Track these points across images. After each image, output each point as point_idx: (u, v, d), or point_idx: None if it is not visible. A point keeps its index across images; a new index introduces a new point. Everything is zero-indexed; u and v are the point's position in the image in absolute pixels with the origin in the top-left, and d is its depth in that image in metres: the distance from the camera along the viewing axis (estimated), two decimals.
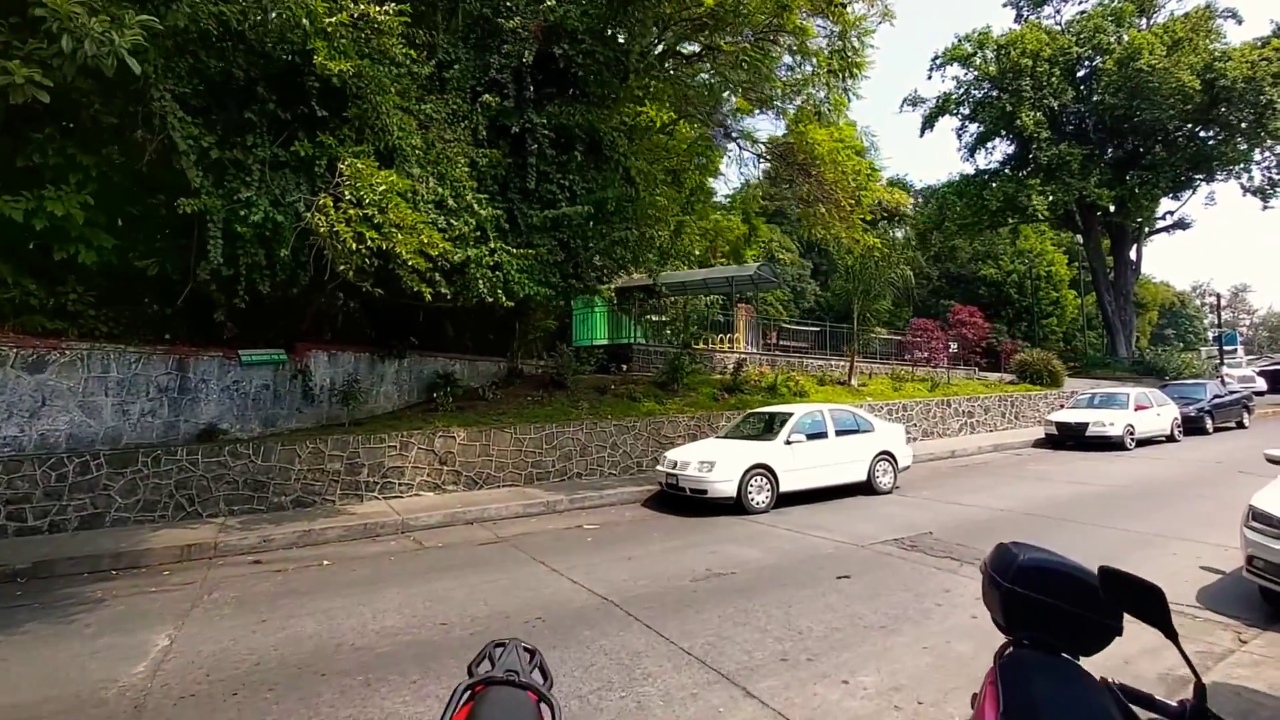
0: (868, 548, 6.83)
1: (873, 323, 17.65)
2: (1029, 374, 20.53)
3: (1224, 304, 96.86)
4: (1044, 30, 34.46)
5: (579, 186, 11.27)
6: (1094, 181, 30.36)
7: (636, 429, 12.28)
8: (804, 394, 15.82)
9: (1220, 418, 17.16)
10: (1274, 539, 4.59)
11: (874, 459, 10.13)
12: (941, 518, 8.26)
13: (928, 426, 16.59)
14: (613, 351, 16.87)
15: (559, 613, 5.05)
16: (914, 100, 39.22)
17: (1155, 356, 31.18)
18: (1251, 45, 29.28)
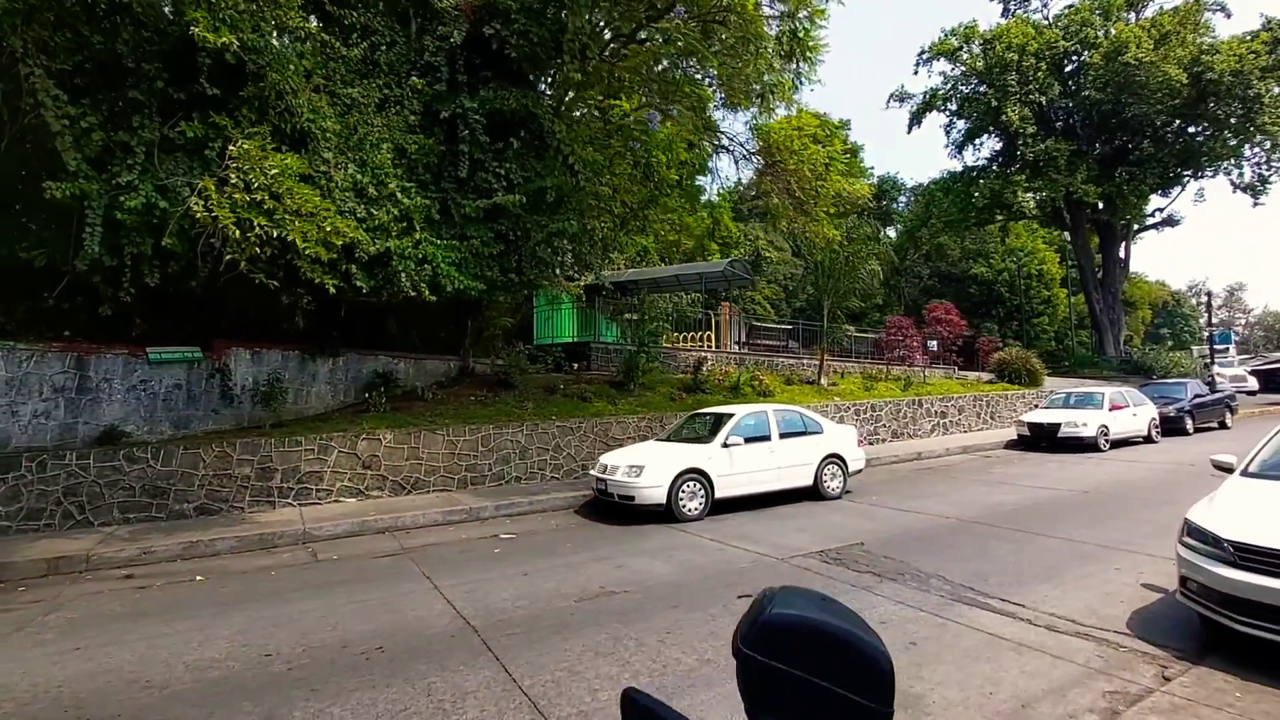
0: (789, 561, 6.26)
1: (842, 320, 17.03)
2: (1007, 373, 19.97)
3: (1220, 303, 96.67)
4: (1031, 24, 33.95)
5: (517, 175, 10.69)
6: (1080, 178, 29.83)
7: (582, 430, 11.71)
8: (769, 394, 15.25)
9: (1201, 418, 16.61)
10: (1208, 559, 4.03)
11: (822, 463, 9.56)
12: (881, 526, 7.69)
13: (898, 427, 16.03)
14: (571, 350, 16.29)
15: (406, 642, 4.47)
16: (901, 96, 38.72)
17: (1143, 355, 30.66)
18: (1239, 39, 28.74)
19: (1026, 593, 5.17)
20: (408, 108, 10.50)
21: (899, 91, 38.56)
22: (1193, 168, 31.11)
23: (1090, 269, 33.98)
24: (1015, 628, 4.47)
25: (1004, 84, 31.90)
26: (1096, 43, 30.99)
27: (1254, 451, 5.02)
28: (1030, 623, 4.55)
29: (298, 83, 8.51)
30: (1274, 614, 3.62)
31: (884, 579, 5.59)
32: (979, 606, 4.88)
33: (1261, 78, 27.15)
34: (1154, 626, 4.44)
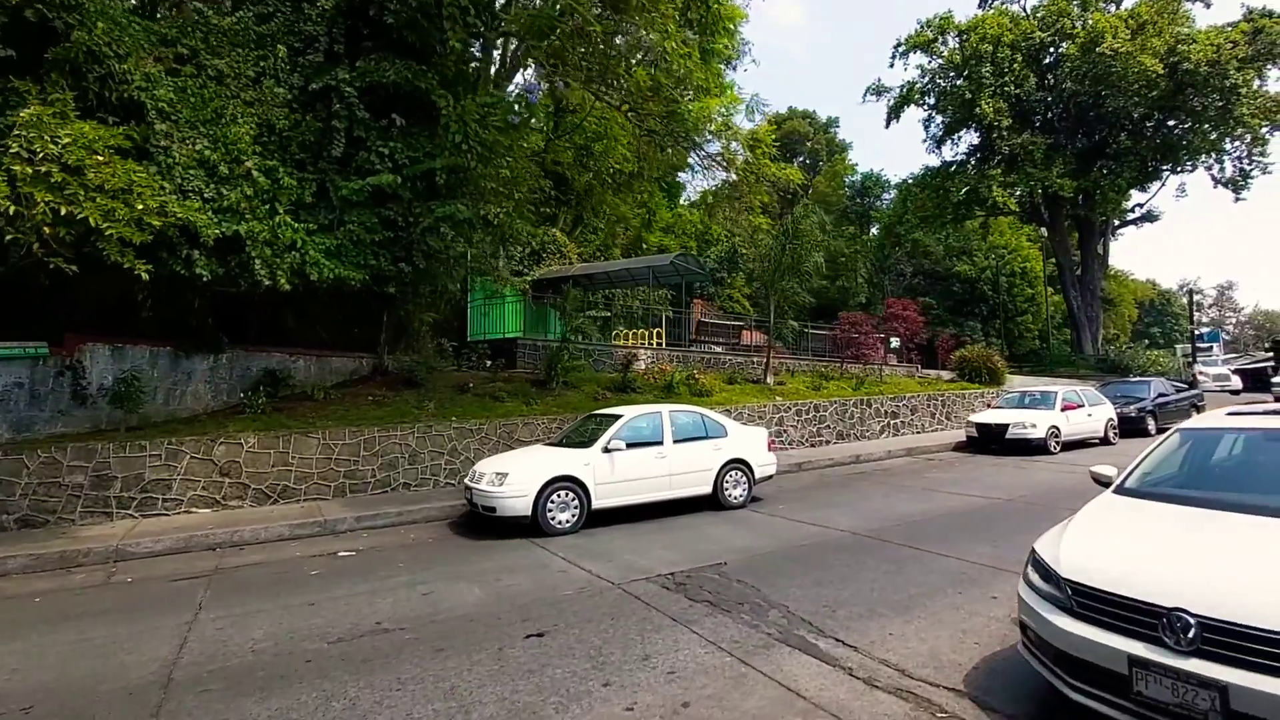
0: (624, 586, 5.40)
1: (790, 316, 16.19)
2: (968, 371, 19.16)
3: (1211, 302, 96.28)
4: (1007, 15, 33.16)
5: (402, 155, 9.82)
6: (1057, 172, 29.04)
7: (484, 433, 10.84)
8: (706, 394, 14.40)
9: (1165, 418, 15.77)
10: (1045, 601, 3.19)
11: (723, 469, 8.71)
12: (765, 542, 6.85)
13: (844, 428, 15.19)
14: (499, 347, 15.41)
15: (68, 702, 3.61)
16: (878, 89, 37.88)
17: (1120, 354, 29.88)
18: (1217, 29, 28.00)
19: (872, 629, 4.33)
20: (285, 81, 9.65)
21: (876, 85, 37.73)
22: (1171, 162, 30.34)
23: (1069, 266, 33.23)
24: (827, 680, 3.62)
25: (978, 76, 31.12)
26: (1073, 33, 30.19)
27: (1135, 462, 4.18)
28: (850, 673, 3.71)
29: (126, 46, 7.63)
30: (1110, 681, 2.78)
31: (717, 611, 4.74)
32: (803, 649, 4.03)
33: (1239, 68, 26.39)
34: (996, 681, 3.59)
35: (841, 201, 55.51)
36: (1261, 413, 4.15)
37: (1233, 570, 2.77)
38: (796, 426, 14.42)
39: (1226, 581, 2.68)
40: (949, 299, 49.09)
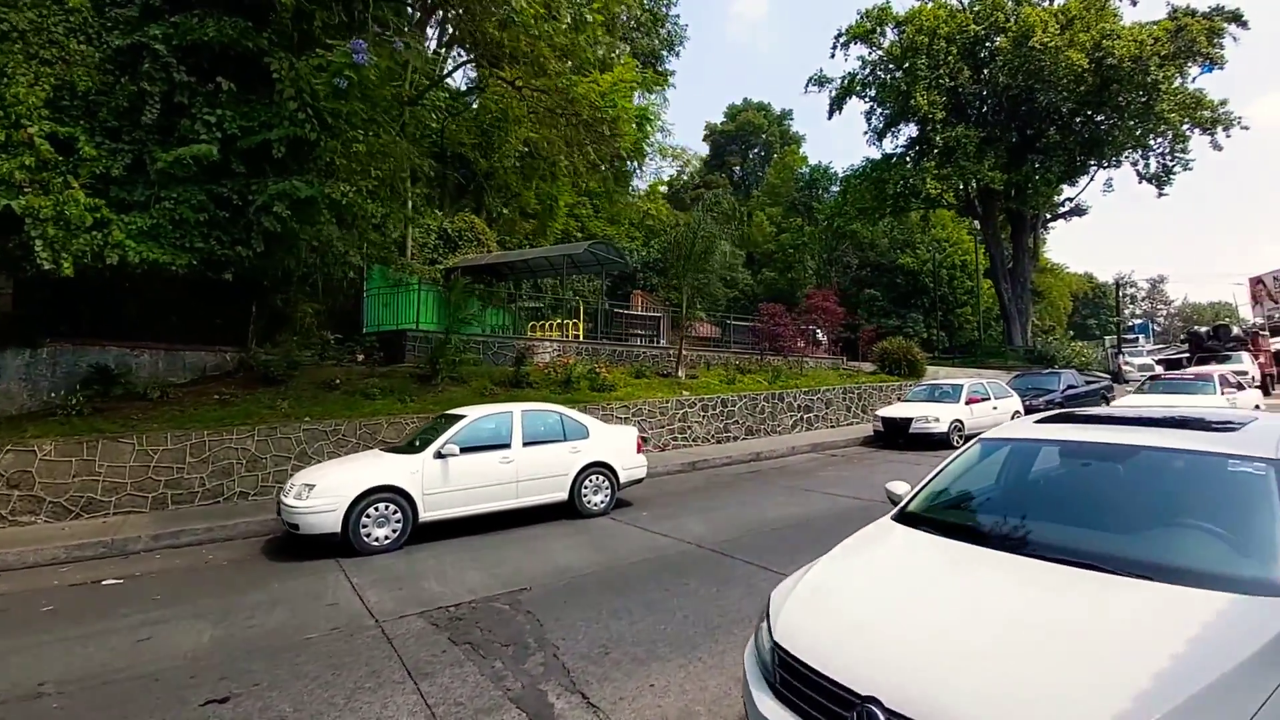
0: (388, 625, 4.62)
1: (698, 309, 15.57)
2: (888, 363, 18.93)
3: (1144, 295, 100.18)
4: (944, 7, 33.14)
5: (233, 125, 8.74)
6: (988, 165, 29.18)
7: (340, 434, 9.89)
8: (609, 389, 13.69)
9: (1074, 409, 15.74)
10: (756, 669, 2.53)
11: (582, 474, 8.00)
12: (595, 559, 6.15)
13: (754, 423, 14.68)
14: (388, 339, 14.38)
15: None
16: (820, 80, 37.59)
17: (1046, 345, 30.32)
18: (1140, 25, 28.42)
19: (635, 678, 3.65)
20: (97, 40, 8.49)
21: (818, 76, 37.45)
22: (1098, 157, 30.83)
23: (1000, 259, 33.61)
24: None
25: (914, 69, 31.05)
26: (1006, 27, 30.30)
27: (928, 477, 3.58)
28: None
29: None
30: None
31: (472, 656, 4.00)
32: (535, 714, 3.32)
33: (1161, 65, 26.81)
34: None
35: (790, 194, 55.50)
36: (1078, 420, 3.60)
37: (952, 648, 2.12)
38: (702, 422, 13.83)
39: (935, 667, 2.03)
40: (893, 291, 49.59)
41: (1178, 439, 2.92)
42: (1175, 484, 2.85)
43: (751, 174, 68.55)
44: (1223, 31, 28.27)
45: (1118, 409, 3.83)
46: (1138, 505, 2.85)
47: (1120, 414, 3.78)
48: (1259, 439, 2.78)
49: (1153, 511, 2.79)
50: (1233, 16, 28.71)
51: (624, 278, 36.73)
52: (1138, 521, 2.77)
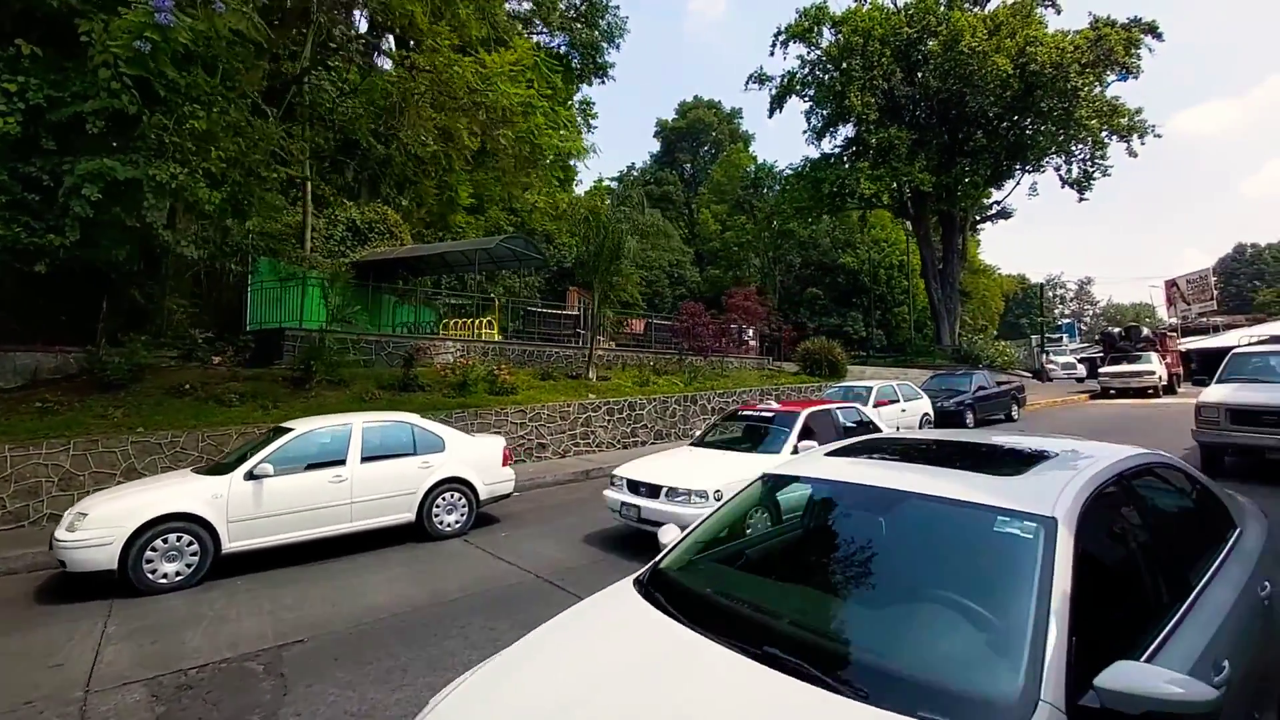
0: (91, 698, 3.80)
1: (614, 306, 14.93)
2: (810, 363, 18.72)
3: (1072, 296, 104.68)
4: (878, 8, 33.37)
5: (39, 94, 7.63)
6: (919, 167, 29.48)
7: (180, 447, 8.85)
8: (509, 391, 12.92)
9: (984, 411, 15.77)
10: None
11: (434, 491, 7.24)
12: (410, 595, 5.43)
13: (664, 427, 14.14)
14: (264, 339, 13.25)
15: None
16: (760, 77, 37.47)
17: (971, 345, 30.91)
18: (1062, 33, 29.14)
19: None
20: None
21: (758, 73, 37.35)
22: (1022, 161, 31.54)
23: (931, 259, 34.12)
24: None
25: (849, 69, 31.17)
26: (938, 31, 30.68)
27: (700, 521, 2.98)
28: None
29: None
30: None
31: None
32: None
33: (1081, 72, 27.51)
34: None
35: (736, 192, 55.53)
36: (870, 450, 3.06)
37: None
38: (607, 427, 13.21)
39: None
40: (835, 290, 50.17)
41: (953, 483, 2.39)
42: (939, 544, 2.32)
43: (702, 171, 68.50)
44: (1139, 42, 29.21)
45: (926, 435, 3.30)
46: (892, 573, 2.31)
47: (924, 442, 3.28)
48: (1044, 486, 2.27)
49: (908, 582, 2.25)
50: (1149, 28, 29.70)
51: (562, 274, 35.94)
52: (889, 595, 2.22)
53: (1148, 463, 2.83)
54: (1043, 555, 1.94)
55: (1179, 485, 3.01)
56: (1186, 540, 2.79)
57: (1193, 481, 3.02)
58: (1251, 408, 8.77)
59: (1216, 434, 9.01)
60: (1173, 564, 2.46)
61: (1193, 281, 48.83)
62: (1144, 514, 2.54)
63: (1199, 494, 3.01)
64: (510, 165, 10.63)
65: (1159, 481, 2.92)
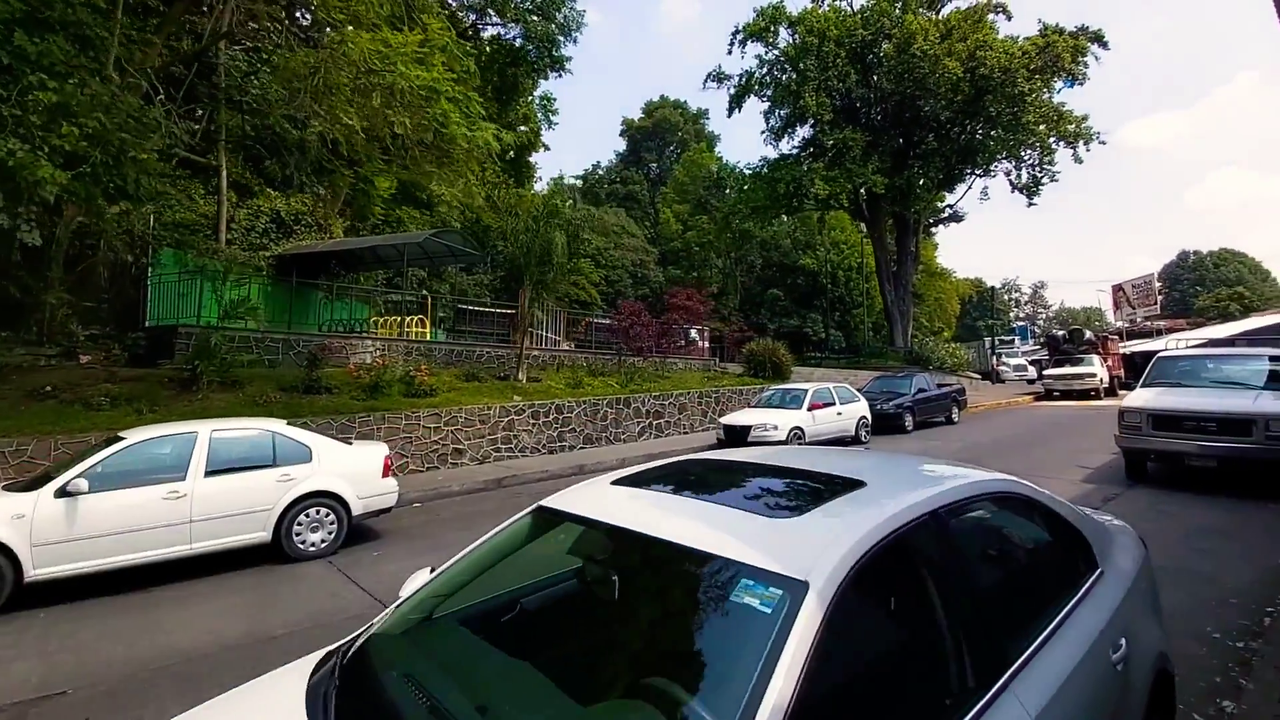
0: None
1: (538, 306, 14.24)
2: (754, 365, 18.35)
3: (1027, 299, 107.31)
4: (834, 9, 33.36)
5: None
6: (872, 169, 29.48)
7: (28, 455, 7.95)
8: (428, 393, 12.19)
9: (924, 413, 15.57)
10: None
11: (295, 507, 6.52)
12: (234, 631, 4.74)
13: (594, 431, 13.55)
14: (156, 337, 12.25)
15: None
16: (719, 76, 37.17)
17: (922, 347, 31.05)
18: (1013, 39, 29.44)
19: None
20: None
21: (716, 72, 37.06)
22: (972, 165, 31.80)
23: (885, 261, 34.23)
24: None
25: (804, 69, 31.05)
26: (891, 33, 30.74)
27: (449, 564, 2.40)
28: None
29: None
30: None
31: None
32: None
33: (1029, 78, 27.80)
34: None
35: (698, 192, 55.29)
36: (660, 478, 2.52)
37: None
38: (531, 431, 12.56)
39: None
40: (795, 291, 50.28)
41: (716, 526, 1.85)
42: (672, 612, 1.77)
43: (667, 170, 68.38)
44: (1086, 50, 29.63)
45: (756, 454, 2.76)
46: (614, 649, 1.75)
47: (736, 464, 2.76)
48: (819, 532, 1.75)
49: (628, 668, 1.70)
50: (1095, 37, 30.16)
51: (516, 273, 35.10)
52: (600, 684, 1.67)
53: (989, 492, 2.34)
54: (775, 637, 1.40)
55: (1027, 520, 2.53)
56: (1026, 591, 2.30)
57: (1047, 514, 2.54)
58: (1173, 413, 8.56)
59: (1139, 439, 8.79)
60: (999, 626, 1.95)
61: (1138, 286, 50.14)
62: (963, 563, 2.03)
63: (1054, 529, 2.53)
64: (408, 153, 9.90)
65: (1001, 516, 2.44)
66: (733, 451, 3.19)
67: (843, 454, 2.94)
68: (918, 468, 2.66)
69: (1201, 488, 8.44)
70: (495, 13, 32.43)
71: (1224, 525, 6.79)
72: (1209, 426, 8.17)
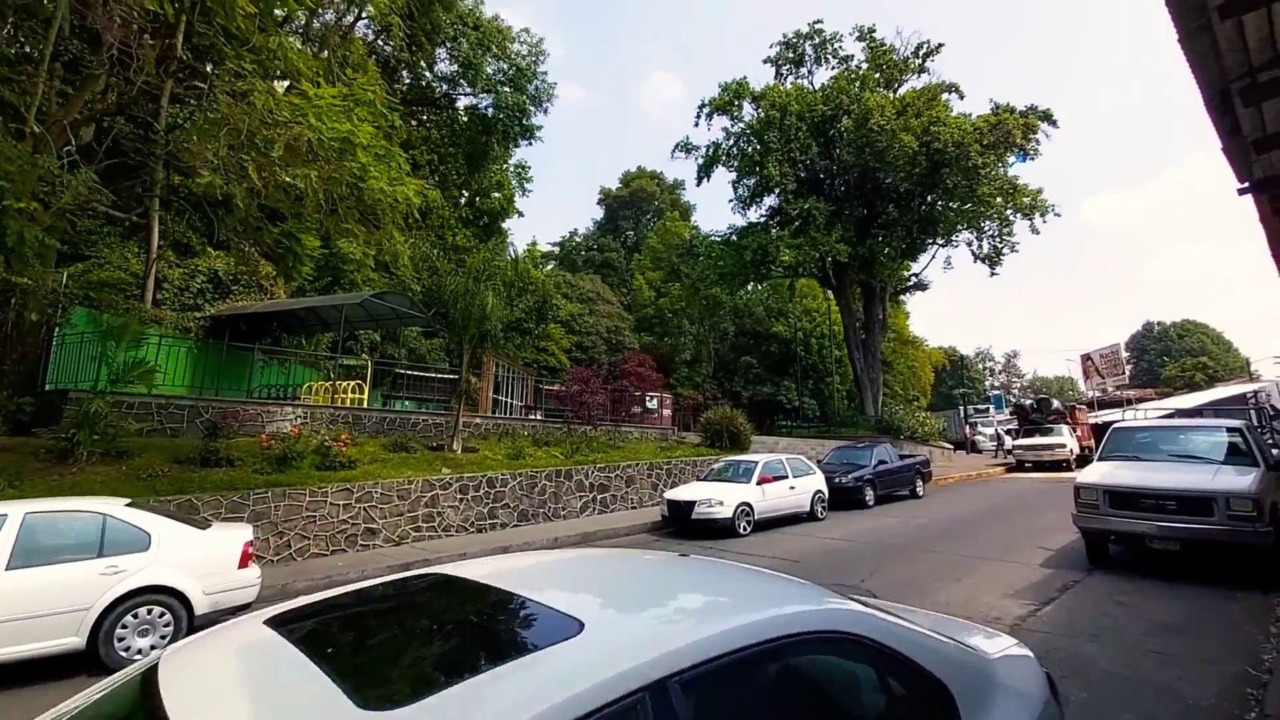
0: None
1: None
2: (710, 434, 17.62)
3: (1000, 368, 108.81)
4: (796, 86, 34.72)
5: None
6: (836, 237, 29.89)
7: None
8: (345, 466, 11.25)
9: (886, 486, 14.82)
10: None
11: (120, 605, 5.54)
12: None
13: (531, 506, 12.59)
14: (47, 402, 11.29)
15: None
16: (686, 146, 38.24)
17: (892, 416, 30.58)
18: (966, 116, 30.63)
19: None
20: None
21: (684, 143, 38.16)
22: (933, 235, 32.41)
23: (853, 328, 34.24)
24: None
25: (767, 141, 31.93)
26: (850, 109, 31.88)
27: None
28: None
29: None
30: None
31: None
32: None
33: (982, 151, 28.73)
34: None
35: (671, 259, 56.02)
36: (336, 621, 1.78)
37: None
38: (458, 507, 11.59)
39: None
40: (769, 359, 50.21)
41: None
42: None
43: (644, 239, 69.65)
44: (1036, 128, 30.85)
45: (484, 568, 1.98)
46: None
47: (418, 596, 2.03)
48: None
49: None
50: (1044, 115, 31.45)
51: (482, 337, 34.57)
52: None
53: (792, 634, 1.63)
54: None
55: (858, 668, 1.80)
56: None
57: (889, 659, 1.81)
58: (1130, 490, 7.94)
59: (1096, 519, 8.12)
60: None
61: (1105, 356, 50.72)
62: None
63: (901, 678, 1.80)
64: (312, 208, 9.40)
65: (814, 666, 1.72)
66: (484, 563, 2.44)
67: (628, 565, 2.21)
68: (703, 596, 1.95)
69: (1165, 572, 7.74)
70: (467, 83, 33.38)
71: (1187, 620, 6.04)
72: (1168, 505, 7.54)
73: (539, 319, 38.90)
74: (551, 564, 2.47)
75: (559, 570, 2.22)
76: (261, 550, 9.35)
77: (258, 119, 8.09)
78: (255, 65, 8.69)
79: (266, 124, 8.08)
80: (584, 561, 2.42)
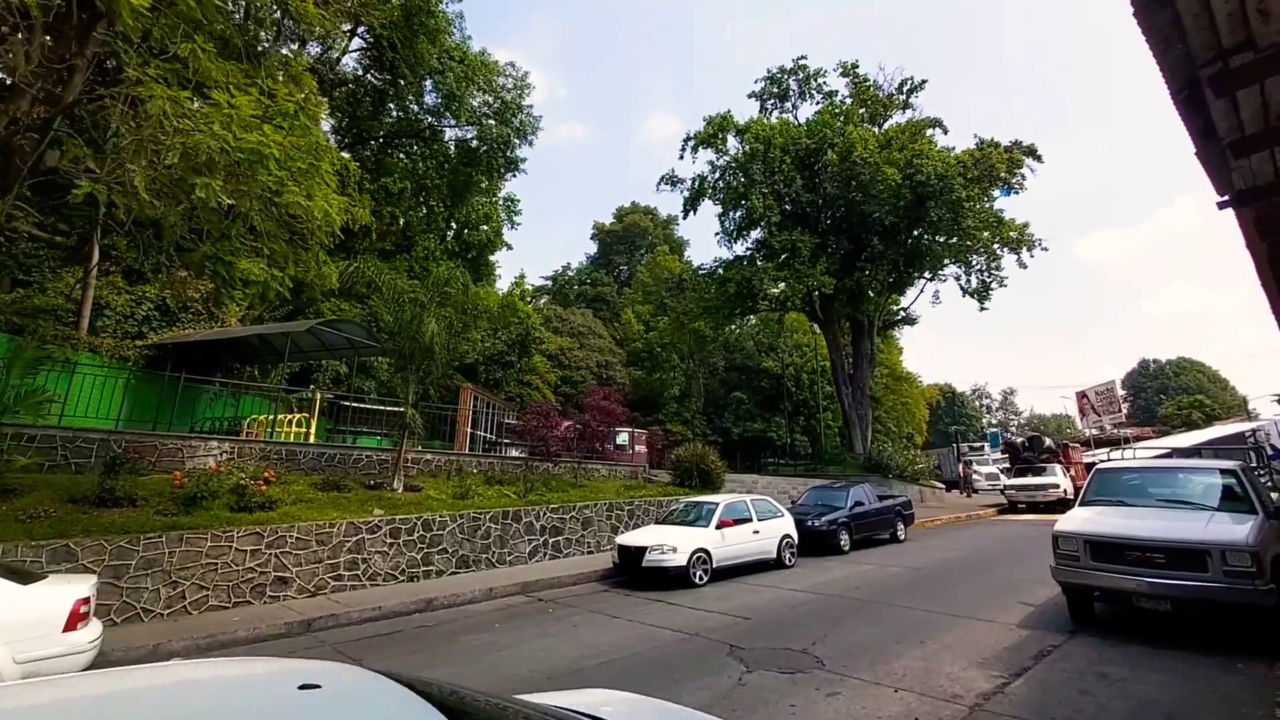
0: None
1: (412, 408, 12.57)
2: (680, 473, 16.66)
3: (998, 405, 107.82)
4: (783, 121, 34.71)
5: None
6: (820, 270, 29.40)
7: None
8: (264, 506, 10.31)
9: (863, 530, 13.82)
10: None
11: None
12: None
13: (472, 552, 11.58)
14: None
15: None
16: (672, 179, 38.03)
17: (880, 453, 29.57)
18: (949, 150, 30.49)
19: None
20: None
21: (669, 175, 37.97)
22: (920, 269, 31.96)
23: (841, 363, 33.48)
24: None
25: (751, 173, 31.71)
26: (834, 143, 31.75)
27: None
28: None
29: None
30: None
31: None
32: None
33: (966, 185, 28.45)
34: None
35: (660, 294, 55.65)
36: None
37: None
38: (387, 553, 10.59)
39: None
40: (759, 394, 49.35)
41: None
42: None
43: (636, 273, 69.63)
44: (1021, 162, 30.69)
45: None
46: None
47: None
48: None
49: None
50: (1029, 151, 31.34)
51: (463, 370, 33.71)
52: None
53: None
54: None
55: None
56: None
57: None
58: (1113, 540, 7.03)
59: (1077, 573, 7.18)
60: None
61: (1100, 393, 49.88)
62: None
63: None
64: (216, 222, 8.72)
65: None
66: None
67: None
68: None
69: (1156, 635, 6.78)
70: (451, 114, 33.39)
71: (1180, 700, 5.09)
72: (1156, 559, 6.62)
73: (521, 352, 38.14)
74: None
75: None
76: (150, 603, 8.37)
77: (152, 127, 7.45)
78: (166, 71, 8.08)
79: (164, 132, 7.44)
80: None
